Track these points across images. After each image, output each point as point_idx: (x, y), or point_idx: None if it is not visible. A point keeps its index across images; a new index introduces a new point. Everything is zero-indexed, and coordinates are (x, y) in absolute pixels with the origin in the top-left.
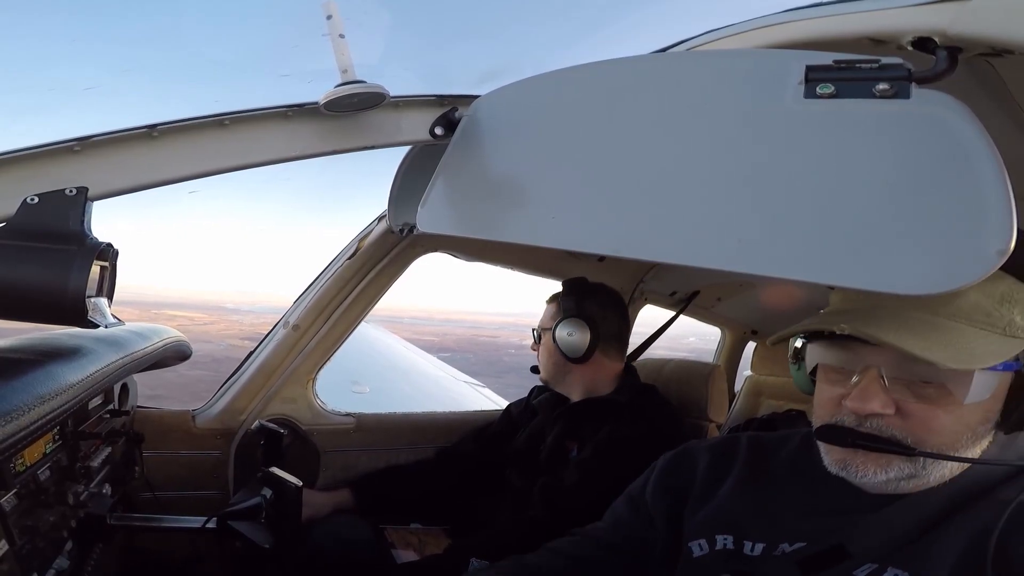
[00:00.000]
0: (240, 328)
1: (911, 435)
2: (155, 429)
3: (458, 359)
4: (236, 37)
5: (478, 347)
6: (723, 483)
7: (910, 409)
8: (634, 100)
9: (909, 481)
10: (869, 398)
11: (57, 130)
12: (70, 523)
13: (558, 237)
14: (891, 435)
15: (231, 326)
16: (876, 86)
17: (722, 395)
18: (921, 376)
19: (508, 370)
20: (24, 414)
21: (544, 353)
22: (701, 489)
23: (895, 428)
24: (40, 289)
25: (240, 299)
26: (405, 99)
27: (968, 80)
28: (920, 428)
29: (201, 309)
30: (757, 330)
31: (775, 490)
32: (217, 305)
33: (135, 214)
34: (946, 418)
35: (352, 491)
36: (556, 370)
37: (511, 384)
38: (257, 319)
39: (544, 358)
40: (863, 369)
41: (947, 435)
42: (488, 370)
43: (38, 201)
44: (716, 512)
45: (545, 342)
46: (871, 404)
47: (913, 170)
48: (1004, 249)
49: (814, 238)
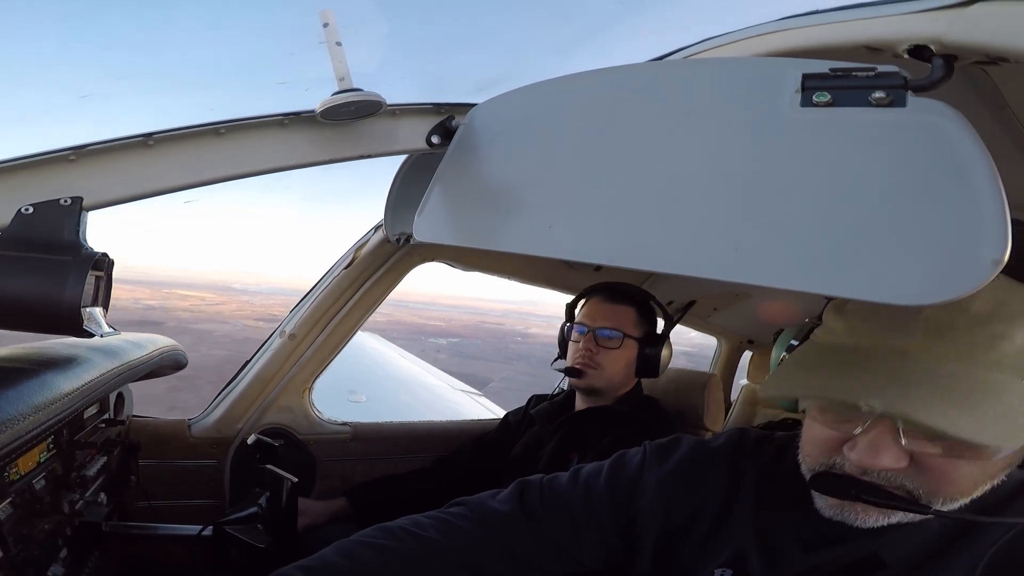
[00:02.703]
0: (252, 309)
1: (924, 487)
2: (151, 438)
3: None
4: (232, 45)
5: (485, 333)
6: (730, 511)
7: (928, 463)
8: (631, 108)
9: (907, 516)
10: (880, 453)
11: (52, 139)
12: (65, 531)
13: (555, 247)
14: (900, 484)
15: (243, 307)
16: (872, 94)
17: (718, 404)
18: (943, 432)
19: (517, 357)
20: (18, 423)
21: (620, 361)
22: (709, 515)
23: (905, 478)
24: (36, 299)
25: (247, 280)
26: (402, 107)
27: (964, 88)
28: (937, 481)
29: (210, 289)
30: (753, 340)
31: (777, 518)
32: (225, 285)
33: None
34: (968, 468)
35: (348, 500)
36: (623, 382)
37: (521, 372)
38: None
39: (619, 366)
40: (876, 420)
41: (965, 485)
42: (497, 356)
43: (33, 211)
44: (718, 544)
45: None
46: (882, 460)
47: (908, 179)
48: (999, 259)
49: (810, 248)
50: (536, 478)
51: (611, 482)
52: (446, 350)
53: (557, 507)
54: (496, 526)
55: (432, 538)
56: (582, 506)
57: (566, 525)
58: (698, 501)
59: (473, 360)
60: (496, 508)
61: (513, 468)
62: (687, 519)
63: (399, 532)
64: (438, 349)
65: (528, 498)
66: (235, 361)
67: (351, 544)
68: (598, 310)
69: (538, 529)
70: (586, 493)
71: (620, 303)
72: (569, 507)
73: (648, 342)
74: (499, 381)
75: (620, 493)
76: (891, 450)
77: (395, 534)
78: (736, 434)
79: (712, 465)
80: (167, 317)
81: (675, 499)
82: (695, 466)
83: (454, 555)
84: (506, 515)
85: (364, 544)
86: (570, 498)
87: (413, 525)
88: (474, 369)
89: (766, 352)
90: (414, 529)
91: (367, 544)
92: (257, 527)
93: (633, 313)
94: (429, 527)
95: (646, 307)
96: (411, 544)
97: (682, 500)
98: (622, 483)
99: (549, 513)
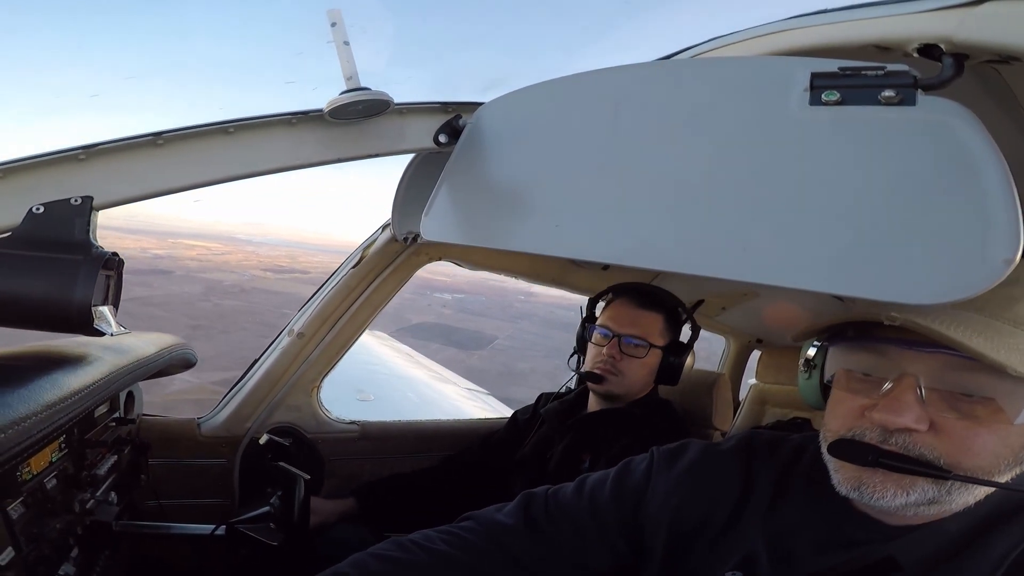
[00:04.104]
0: (258, 259)
1: (944, 456)
2: (160, 437)
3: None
4: (241, 44)
5: (489, 290)
6: (740, 514)
7: (948, 426)
8: (639, 108)
9: (929, 507)
10: (902, 410)
11: (63, 138)
12: (76, 530)
13: (562, 246)
14: (919, 454)
15: (248, 257)
16: (882, 93)
17: (727, 403)
18: (967, 389)
19: (521, 316)
20: (30, 422)
21: (643, 369)
22: (720, 518)
23: (924, 447)
24: (46, 298)
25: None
26: (409, 106)
27: (974, 87)
28: (957, 449)
29: (215, 239)
30: (762, 339)
31: (790, 520)
32: (229, 236)
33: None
34: (989, 438)
35: (356, 499)
36: (641, 387)
37: (526, 331)
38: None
39: (642, 374)
40: (898, 377)
41: (986, 458)
42: (502, 314)
43: (43, 210)
44: (729, 546)
45: (650, 356)
46: (904, 417)
47: (919, 178)
48: (1011, 258)
49: (819, 247)
50: (541, 490)
51: (617, 491)
52: (451, 306)
53: (562, 518)
54: (502, 537)
55: (440, 549)
56: (588, 516)
57: (572, 535)
58: (708, 504)
59: (478, 317)
60: (502, 520)
61: (522, 467)
62: (697, 522)
63: (409, 544)
64: (443, 304)
65: (533, 510)
66: (248, 311)
67: (363, 556)
68: (625, 315)
69: (544, 539)
70: (592, 503)
71: (648, 309)
72: (575, 517)
73: (672, 351)
74: (504, 339)
75: (626, 501)
76: (913, 408)
77: (405, 546)
78: (746, 437)
79: (722, 468)
80: (175, 266)
81: (684, 503)
82: (704, 469)
83: (461, 565)
84: (512, 527)
85: (376, 556)
86: (576, 508)
87: (423, 539)
88: (479, 326)
89: (775, 351)
90: (424, 542)
91: (379, 556)
92: (269, 526)
93: (661, 321)
94: (438, 540)
95: (674, 313)
96: (420, 555)
97: (691, 504)
98: (628, 491)
99: (554, 524)
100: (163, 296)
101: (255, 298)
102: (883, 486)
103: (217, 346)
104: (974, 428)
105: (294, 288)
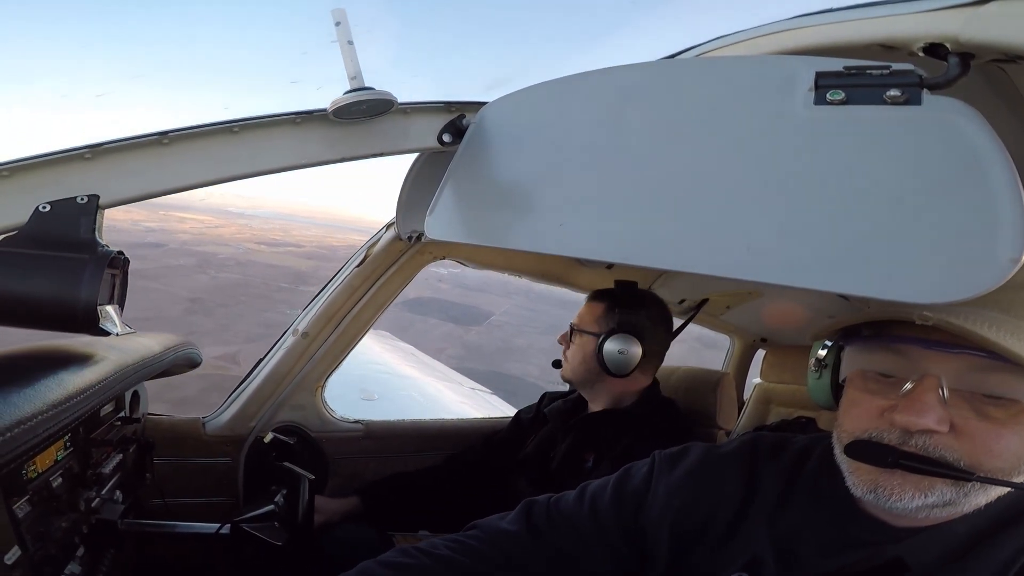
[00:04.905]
0: (252, 232)
1: (965, 457)
2: (165, 436)
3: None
4: (246, 44)
5: None
6: (745, 515)
7: (968, 428)
8: (643, 107)
9: (943, 509)
10: (924, 411)
11: (69, 137)
12: (82, 529)
13: (566, 245)
14: (940, 456)
15: (241, 230)
16: (887, 92)
17: (731, 403)
18: (990, 390)
19: (516, 291)
20: (36, 421)
21: (578, 355)
22: (723, 520)
23: (945, 448)
24: (52, 298)
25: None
26: (413, 106)
27: (980, 86)
28: (978, 450)
29: (207, 212)
30: (766, 338)
31: (796, 522)
32: (221, 208)
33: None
34: (1012, 439)
35: (361, 498)
36: (587, 376)
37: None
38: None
39: (577, 360)
40: (919, 378)
41: (1008, 459)
42: (498, 289)
43: (50, 209)
44: (734, 548)
45: (582, 344)
46: (926, 418)
47: (925, 177)
48: (1017, 257)
49: (824, 246)
50: (543, 497)
51: (617, 496)
52: (448, 280)
53: (564, 524)
54: (506, 544)
55: (445, 556)
56: (590, 522)
57: (574, 541)
58: (710, 507)
59: (475, 292)
60: (505, 528)
61: (524, 467)
62: (700, 525)
63: (415, 552)
64: (440, 279)
65: (535, 518)
66: (245, 284)
67: (371, 564)
68: (583, 307)
69: (546, 546)
70: (593, 509)
71: (593, 300)
72: (576, 524)
73: (607, 338)
74: (501, 315)
75: (627, 506)
76: (935, 410)
77: (411, 554)
78: (750, 438)
79: (725, 470)
80: (168, 239)
81: (686, 505)
82: (707, 472)
83: (466, 571)
84: (515, 534)
85: (382, 564)
86: (577, 515)
87: (429, 546)
88: (476, 301)
89: (779, 350)
90: (429, 549)
91: (385, 564)
92: (274, 525)
93: (600, 309)
94: (443, 547)
95: (624, 305)
96: (425, 562)
97: (693, 506)
98: (629, 496)
99: (556, 531)
100: (158, 269)
101: (251, 271)
102: (901, 488)
103: (218, 319)
104: (996, 429)
105: (290, 261)
